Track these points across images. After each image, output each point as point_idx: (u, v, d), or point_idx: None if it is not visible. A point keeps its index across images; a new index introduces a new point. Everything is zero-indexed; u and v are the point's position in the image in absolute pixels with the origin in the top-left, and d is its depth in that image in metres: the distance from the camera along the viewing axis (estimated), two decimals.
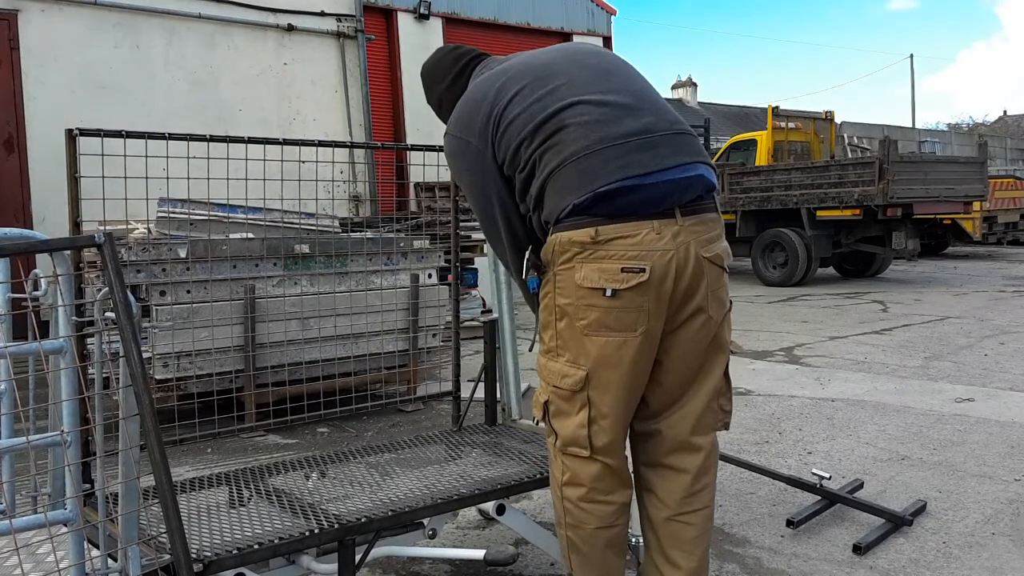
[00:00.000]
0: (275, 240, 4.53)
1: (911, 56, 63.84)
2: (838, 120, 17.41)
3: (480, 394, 3.10)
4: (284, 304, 4.50)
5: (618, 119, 1.91)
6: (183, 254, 4.28)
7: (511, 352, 3.10)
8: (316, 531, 2.05)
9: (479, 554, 2.36)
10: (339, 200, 9.78)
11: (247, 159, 3.17)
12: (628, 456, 2.11)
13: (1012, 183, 16.58)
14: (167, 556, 1.75)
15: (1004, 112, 45.92)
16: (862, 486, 3.38)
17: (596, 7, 15.31)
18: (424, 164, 3.41)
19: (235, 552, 1.92)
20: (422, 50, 12.67)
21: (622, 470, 2.02)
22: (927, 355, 6.29)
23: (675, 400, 2.04)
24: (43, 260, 1.74)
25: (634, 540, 2.54)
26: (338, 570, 2.12)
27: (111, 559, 1.77)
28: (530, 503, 3.34)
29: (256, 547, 1.95)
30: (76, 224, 2.68)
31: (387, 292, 4.84)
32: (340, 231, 5.42)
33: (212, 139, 3.00)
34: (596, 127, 1.90)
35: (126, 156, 2.79)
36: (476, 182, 2.05)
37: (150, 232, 4.65)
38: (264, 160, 3.30)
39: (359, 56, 11.29)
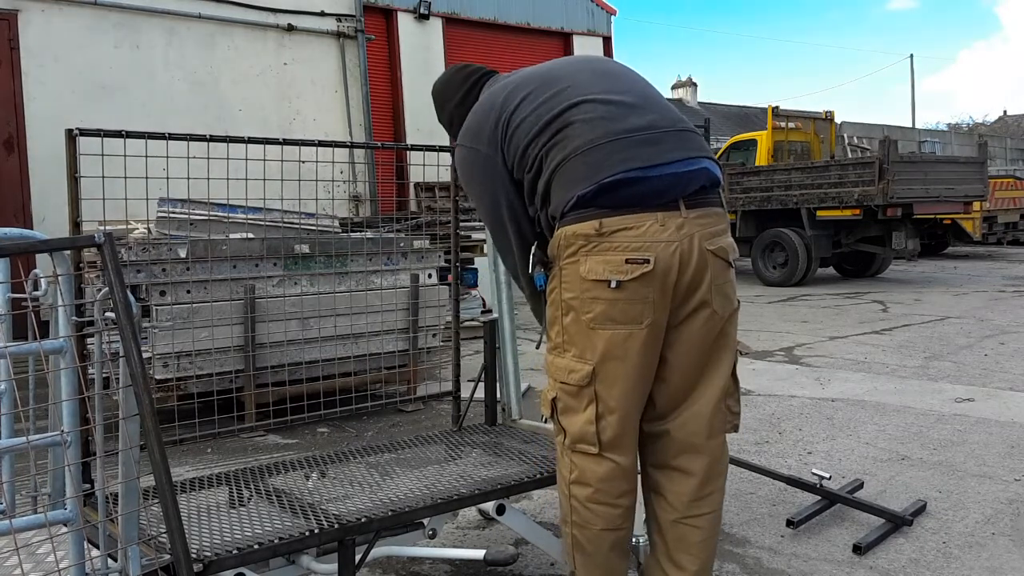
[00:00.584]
0: (275, 240, 4.53)
1: (911, 56, 63.84)
2: (838, 120, 17.41)
3: (480, 394, 3.10)
4: (284, 304, 4.50)
5: (623, 116, 1.94)
6: (183, 254, 4.28)
7: (511, 352, 3.10)
8: (316, 531, 2.05)
9: (479, 554, 2.36)
10: (339, 200, 9.77)
11: (247, 159, 3.18)
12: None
13: (1012, 183, 16.58)
14: (167, 556, 1.75)
15: (1004, 112, 45.95)
16: (862, 486, 3.38)
17: (596, 7, 15.31)
18: (424, 164, 3.41)
19: (235, 552, 1.92)
20: (422, 50, 12.69)
21: (631, 471, 2.01)
22: (927, 355, 6.29)
23: (683, 399, 2.04)
24: (43, 260, 1.74)
25: (634, 540, 2.55)
26: (338, 570, 2.12)
27: (111, 559, 1.77)
28: (530, 503, 3.34)
29: (256, 547, 1.96)
30: (76, 224, 2.68)
31: (387, 292, 4.84)
32: (340, 231, 5.42)
33: (212, 139, 3.00)
34: (601, 123, 1.92)
35: (126, 156, 2.80)
36: (486, 190, 2.08)
37: (150, 232, 4.65)
38: (264, 160, 3.30)
39: (359, 56, 11.29)
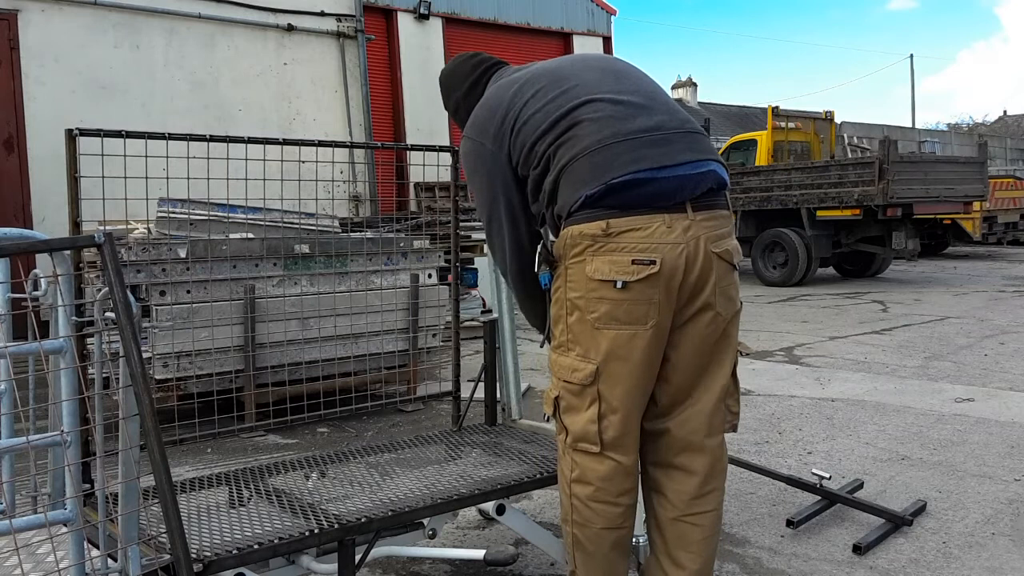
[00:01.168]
0: (275, 240, 4.53)
1: (911, 56, 63.87)
2: (838, 120, 17.41)
3: (480, 394, 3.10)
4: (284, 304, 4.50)
5: (631, 116, 1.94)
6: (183, 254, 4.28)
7: (511, 352, 3.11)
8: (316, 531, 2.05)
9: (479, 554, 2.36)
10: (339, 200, 9.78)
11: (247, 159, 3.17)
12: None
13: (1012, 183, 16.58)
14: (167, 556, 1.75)
15: (1004, 112, 45.95)
16: (862, 486, 3.38)
17: (596, 7, 15.31)
18: (424, 164, 3.41)
19: (235, 552, 1.92)
20: (422, 50, 12.69)
21: (632, 470, 2.01)
22: (927, 355, 6.29)
23: (684, 398, 2.04)
24: (43, 260, 1.74)
25: (634, 540, 2.54)
26: (338, 570, 2.12)
27: (111, 559, 1.77)
28: (530, 503, 3.34)
29: (256, 547, 1.95)
30: (76, 224, 2.68)
31: (387, 292, 4.84)
32: (340, 231, 5.42)
33: (212, 139, 3.00)
34: (609, 123, 1.92)
35: (126, 156, 2.79)
36: (486, 184, 2.08)
37: (150, 232, 4.65)
38: (264, 160, 3.30)
39: (359, 56, 11.29)
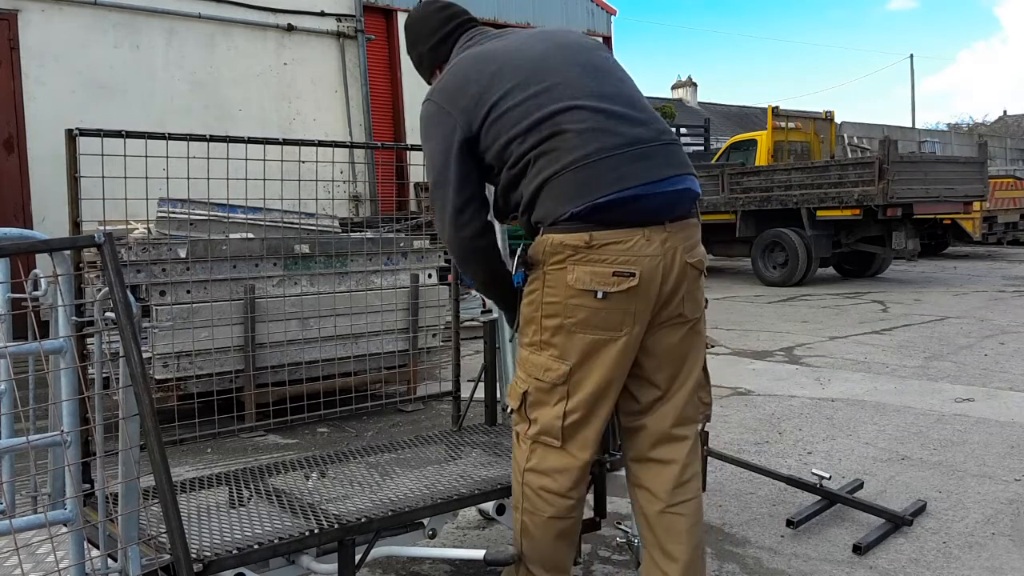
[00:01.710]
0: (275, 240, 4.53)
1: (911, 56, 63.84)
2: (838, 120, 17.41)
3: (480, 394, 3.10)
4: (284, 304, 4.50)
5: (613, 127, 1.98)
6: (183, 254, 4.28)
7: (511, 352, 3.10)
8: (316, 531, 2.05)
9: (479, 554, 2.36)
10: (339, 200, 9.77)
11: (247, 159, 3.18)
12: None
13: (1012, 183, 16.56)
14: (167, 556, 1.75)
15: (1004, 112, 45.92)
16: (862, 486, 3.38)
17: (596, 7, 15.32)
18: (424, 164, 3.40)
19: (235, 552, 1.92)
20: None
21: (587, 466, 2.08)
22: (927, 355, 6.29)
23: (660, 395, 2.12)
24: (43, 260, 1.74)
25: (637, 541, 2.55)
26: (338, 570, 2.12)
27: (111, 559, 1.77)
28: None
29: (256, 547, 1.96)
30: (76, 224, 2.68)
31: (387, 292, 4.84)
32: (340, 231, 5.42)
33: (212, 139, 3.00)
34: (593, 136, 1.95)
35: (126, 156, 2.80)
36: (442, 150, 2.06)
37: (150, 232, 4.65)
38: (264, 160, 3.30)
39: (359, 56, 11.28)
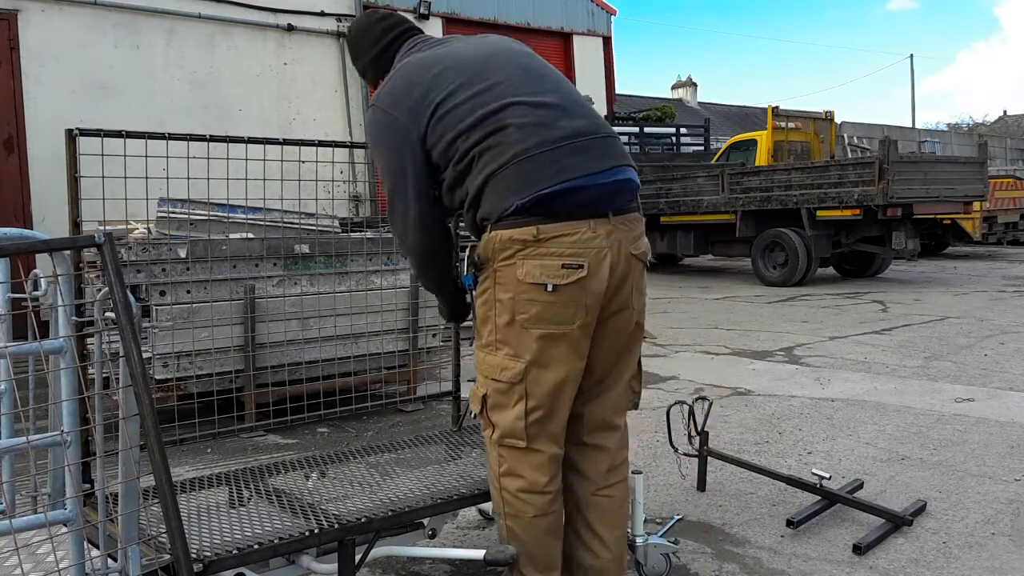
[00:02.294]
0: (275, 240, 4.53)
1: (911, 56, 63.82)
2: (838, 120, 17.42)
3: None
4: (284, 304, 4.50)
5: (554, 121, 2.04)
6: (183, 254, 4.27)
7: None
8: (316, 531, 2.05)
9: (479, 554, 2.36)
10: (339, 200, 9.77)
11: (247, 159, 3.18)
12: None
13: (1012, 183, 16.57)
14: (167, 556, 1.75)
15: (1004, 112, 45.93)
16: (862, 486, 3.38)
17: (596, 7, 15.32)
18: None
19: (235, 552, 1.92)
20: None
21: (557, 459, 2.12)
22: (927, 355, 6.29)
23: (599, 385, 2.17)
24: (43, 260, 1.74)
25: (639, 541, 2.55)
26: (338, 570, 2.12)
27: (111, 559, 1.77)
28: None
29: (256, 547, 1.95)
30: (76, 224, 2.68)
31: (387, 292, 4.84)
32: (340, 231, 5.42)
33: (212, 139, 3.01)
34: (535, 130, 2.00)
35: (126, 156, 2.80)
36: (394, 156, 2.09)
37: (150, 232, 4.65)
38: (264, 160, 3.30)
39: None
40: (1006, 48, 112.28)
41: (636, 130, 17.76)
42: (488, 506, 2.40)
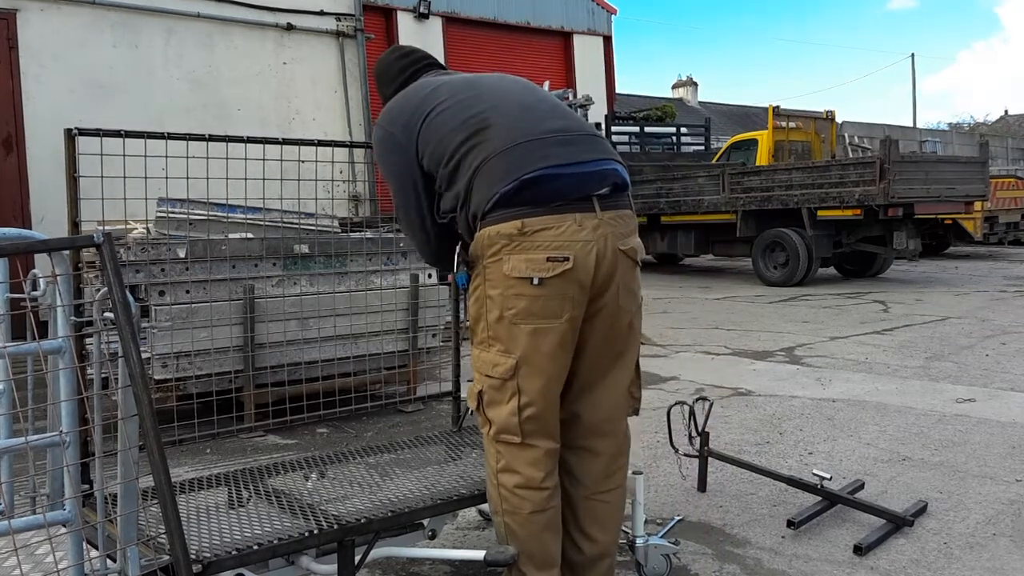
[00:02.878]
0: (274, 240, 4.52)
1: (912, 56, 63.47)
2: (839, 120, 17.41)
3: None
4: (283, 304, 4.49)
5: (539, 119, 2.11)
6: (182, 254, 4.27)
7: None
8: (316, 532, 2.05)
9: (479, 555, 2.35)
10: (339, 200, 9.76)
11: (246, 159, 3.17)
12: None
13: (1013, 183, 16.57)
14: (166, 557, 1.75)
15: (1005, 112, 45.88)
16: (863, 486, 3.37)
17: (596, 6, 15.32)
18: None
19: (234, 553, 1.92)
20: (423, 49, 12.68)
21: (553, 454, 2.12)
22: (928, 355, 6.28)
23: (592, 386, 2.18)
24: (42, 260, 1.74)
25: (639, 542, 2.54)
26: (338, 571, 2.11)
27: (110, 560, 1.77)
28: None
29: (255, 548, 1.95)
30: (75, 224, 2.67)
31: (387, 292, 4.83)
32: (340, 231, 5.42)
33: (211, 139, 3.00)
34: (518, 124, 2.08)
35: (125, 156, 2.79)
36: (398, 168, 2.22)
37: (149, 232, 4.64)
38: (263, 160, 3.29)
39: (359, 55, 11.27)
40: (1007, 48, 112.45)
41: (636, 130, 17.76)
42: (488, 507, 2.40)
